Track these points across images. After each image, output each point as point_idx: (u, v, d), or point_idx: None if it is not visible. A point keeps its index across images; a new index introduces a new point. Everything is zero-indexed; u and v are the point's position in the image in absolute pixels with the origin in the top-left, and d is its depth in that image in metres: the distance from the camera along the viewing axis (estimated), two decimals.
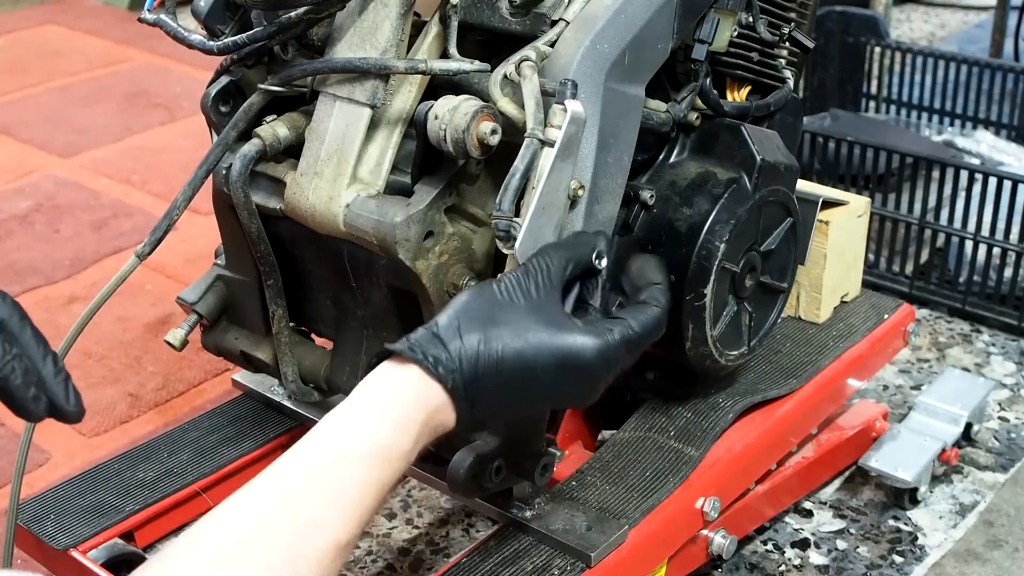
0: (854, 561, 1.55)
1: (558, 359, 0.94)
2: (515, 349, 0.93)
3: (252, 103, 1.20)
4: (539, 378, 0.94)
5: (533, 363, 0.94)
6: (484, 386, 0.92)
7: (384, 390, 0.91)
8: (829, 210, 1.55)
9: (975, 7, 3.72)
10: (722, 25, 1.23)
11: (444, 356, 0.91)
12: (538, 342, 0.94)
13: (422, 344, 0.92)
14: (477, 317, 0.94)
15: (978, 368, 1.95)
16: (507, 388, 0.94)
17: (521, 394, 0.95)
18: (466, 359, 0.92)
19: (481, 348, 0.92)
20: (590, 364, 0.96)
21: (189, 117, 2.95)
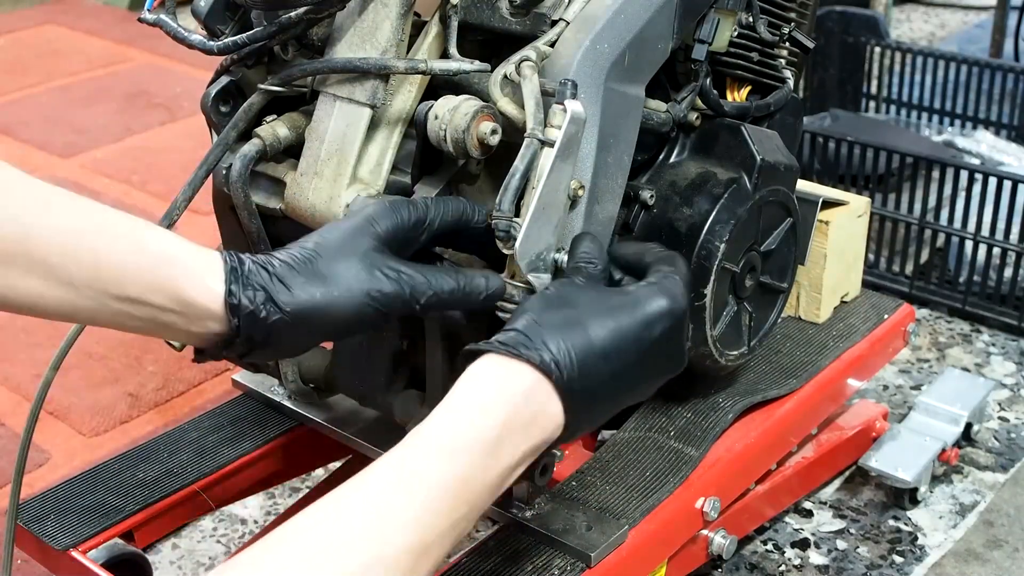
0: (854, 561, 1.55)
1: (644, 323, 0.93)
2: (600, 323, 0.91)
3: (252, 103, 1.20)
4: (633, 348, 0.92)
5: (623, 333, 0.92)
6: (579, 361, 0.89)
7: (461, 386, 0.88)
8: (829, 210, 1.55)
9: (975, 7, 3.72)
10: (722, 25, 1.23)
11: (525, 340, 0.89)
12: (619, 314, 0.93)
13: (513, 340, 0.89)
14: (548, 309, 0.92)
15: (978, 368, 1.95)
16: (604, 362, 0.91)
17: (620, 369, 0.93)
18: (550, 337, 0.89)
19: (567, 327, 0.90)
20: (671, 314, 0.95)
21: (189, 117, 2.95)
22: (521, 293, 1.05)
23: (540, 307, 0.93)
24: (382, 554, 0.77)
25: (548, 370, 0.88)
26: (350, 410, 1.38)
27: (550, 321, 0.90)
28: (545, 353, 0.88)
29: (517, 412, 0.86)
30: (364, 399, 1.26)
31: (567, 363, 0.88)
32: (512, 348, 0.88)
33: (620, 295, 0.96)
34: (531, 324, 0.90)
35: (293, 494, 1.70)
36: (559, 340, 0.89)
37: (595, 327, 0.91)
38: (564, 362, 0.88)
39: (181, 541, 1.63)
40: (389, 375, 1.24)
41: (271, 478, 1.46)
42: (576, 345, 0.89)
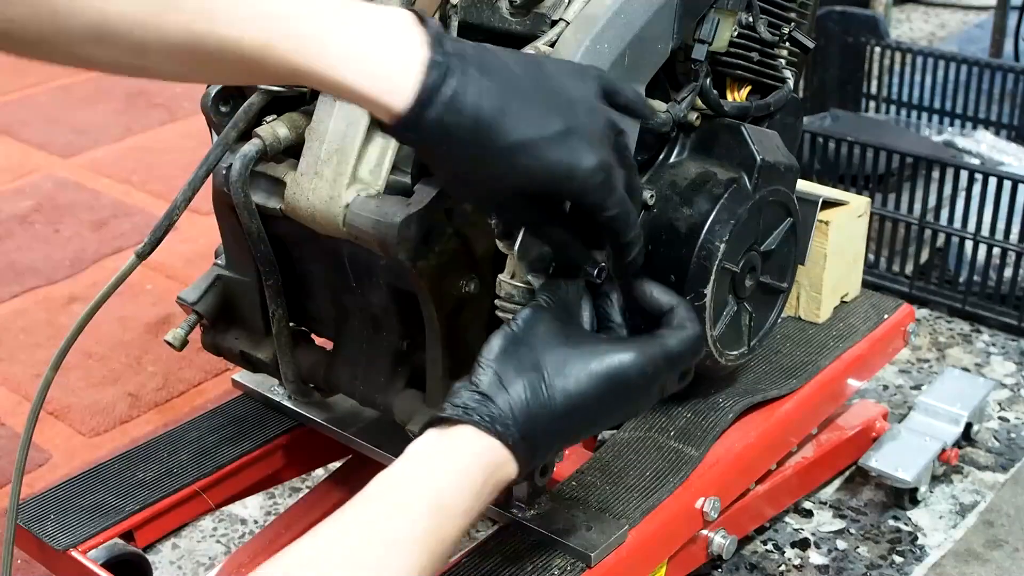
0: (854, 561, 1.55)
1: (603, 382, 0.92)
2: (561, 388, 0.91)
3: (252, 103, 1.20)
4: (591, 407, 0.92)
5: (582, 395, 0.91)
6: (541, 432, 0.90)
7: (441, 450, 0.88)
8: (829, 210, 1.55)
9: (975, 7, 3.72)
10: (722, 25, 1.23)
11: (497, 412, 0.89)
12: (580, 372, 0.91)
13: (471, 406, 0.89)
14: (513, 366, 0.91)
15: (978, 368, 1.95)
16: (563, 426, 0.92)
17: (576, 428, 0.94)
18: (518, 410, 0.89)
19: (528, 396, 0.90)
20: (634, 379, 0.93)
21: (189, 117, 2.95)
22: (521, 293, 1.05)
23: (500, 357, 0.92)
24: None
25: (518, 450, 0.89)
26: (350, 410, 1.38)
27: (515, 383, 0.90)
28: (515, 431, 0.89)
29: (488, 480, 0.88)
30: (364, 399, 1.26)
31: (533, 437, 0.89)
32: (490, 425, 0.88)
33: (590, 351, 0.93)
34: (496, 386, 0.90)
35: (293, 494, 1.70)
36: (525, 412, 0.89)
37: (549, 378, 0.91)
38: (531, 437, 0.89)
39: (181, 541, 1.63)
40: (389, 375, 1.24)
41: (271, 478, 1.46)
42: (541, 416, 0.90)
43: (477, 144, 0.86)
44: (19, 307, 2.17)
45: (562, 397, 0.91)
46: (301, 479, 1.68)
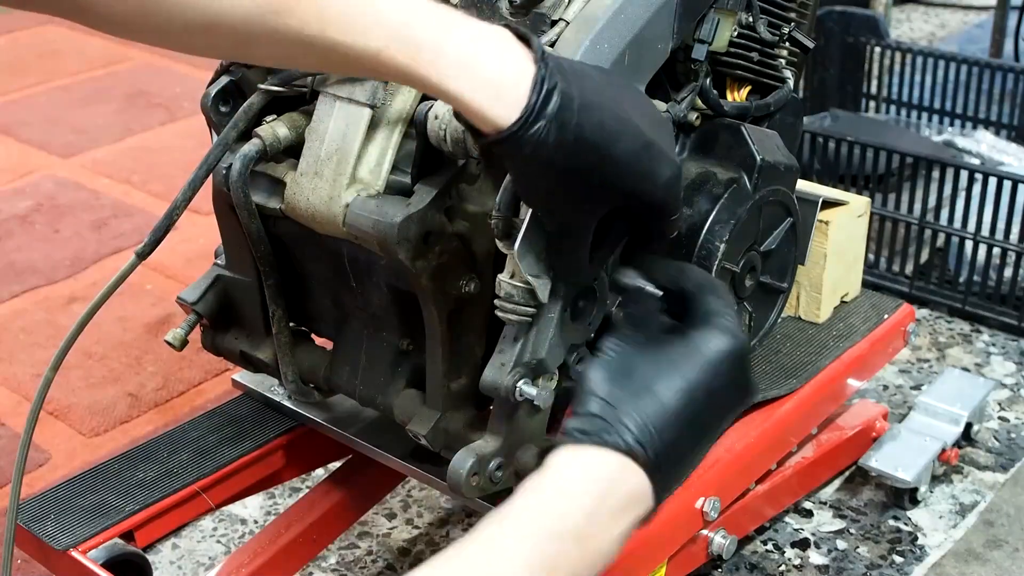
0: (854, 561, 1.55)
1: (709, 369, 0.89)
2: (669, 385, 0.87)
3: (252, 103, 1.20)
4: (705, 397, 0.89)
5: (692, 387, 0.88)
6: (660, 433, 0.86)
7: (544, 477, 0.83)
8: (829, 210, 1.55)
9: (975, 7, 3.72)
10: (722, 25, 1.23)
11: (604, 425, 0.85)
12: (684, 367, 0.88)
13: (577, 426, 0.85)
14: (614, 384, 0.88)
15: (978, 368, 1.95)
16: (683, 423, 0.87)
17: (698, 422, 0.89)
18: (627, 417, 0.85)
19: (639, 400, 0.86)
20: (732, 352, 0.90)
21: (189, 117, 2.95)
22: (521, 293, 1.05)
23: (605, 383, 0.88)
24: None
25: (634, 453, 0.84)
26: (350, 410, 1.38)
27: (620, 397, 0.87)
28: (627, 435, 0.84)
29: (605, 497, 0.83)
30: (364, 399, 1.26)
31: (649, 439, 0.85)
32: (594, 436, 0.84)
33: (680, 344, 0.90)
34: (604, 406, 0.86)
35: (293, 494, 1.70)
36: (635, 416, 0.85)
37: (665, 390, 0.87)
38: (646, 439, 0.85)
39: (181, 541, 1.63)
40: (389, 375, 1.24)
41: (271, 478, 1.46)
42: (653, 417, 0.86)
43: (577, 159, 0.87)
44: (19, 307, 2.17)
45: (678, 402, 0.87)
46: (301, 479, 1.68)
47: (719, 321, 0.91)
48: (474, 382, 1.14)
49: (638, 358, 0.90)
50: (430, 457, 1.24)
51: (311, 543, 1.42)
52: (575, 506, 0.81)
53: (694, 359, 0.89)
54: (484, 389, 1.11)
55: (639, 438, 0.84)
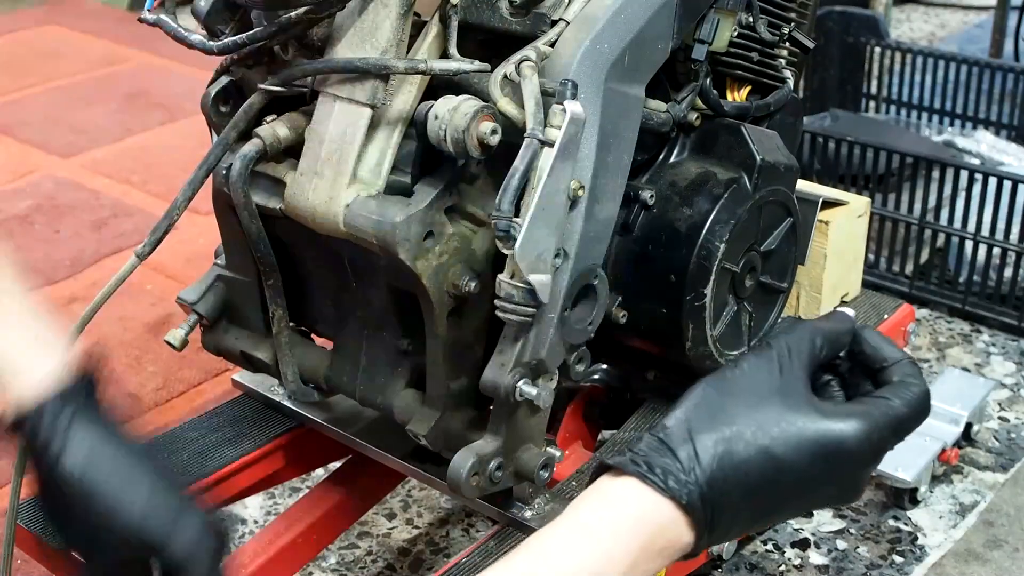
0: (854, 561, 1.55)
1: (816, 451, 0.78)
2: (761, 446, 0.77)
3: (252, 103, 1.20)
4: (794, 478, 0.78)
5: (785, 460, 0.77)
6: (727, 496, 0.77)
7: (600, 506, 0.78)
8: (829, 210, 1.55)
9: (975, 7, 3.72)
10: (722, 25, 1.23)
11: (675, 466, 0.76)
12: (789, 434, 0.77)
13: (647, 454, 0.77)
14: (709, 413, 0.79)
15: (978, 368, 1.95)
16: (755, 495, 0.78)
17: (772, 500, 0.79)
18: (702, 467, 0.76)
19: (720, 450, 0.77)
20: (855, 452, 0.79)
21: (189, 117, 2.95)
22: (521, 293, 1.05)
23: (698, 414, 0.79)
24: None
25: (694, 511, 0.77)
26: (350, 410, 1.38)
27: (705, 443, 0.77)
28: (693, 489, 0.76)
29: (652, 543, 0.77)
30: (364, 399, 1.26)
31: (713, 500, 0.77)
32: (659, 479, 0.77)
33: (806, 413, 0.79)
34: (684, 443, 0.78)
35: (293, 494, 1.70)
36: (709, 468, 0.77)
37: (749, 433, 0.77)
38: (711, 499, 0.77)
39: None
40: (389, 375, 1.24)
41: (271, 478, 1.46)
42: (727, 475, 0.77)
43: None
44: None
45: (760, 459, 0.77)
46: (301, 479, 1.68)
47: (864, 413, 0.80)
48: (474, 382, 1.14)
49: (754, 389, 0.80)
50: (430, 457, 1.24)
51: (311, 543, 1.42)
52: (624, 551, 0.76)
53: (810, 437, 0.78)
54: (484, 389, 1.11)
55: (704, 495, 0.77)
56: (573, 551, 0.76)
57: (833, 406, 0.81)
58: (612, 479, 0.78)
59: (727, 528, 0.79)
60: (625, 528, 0.77)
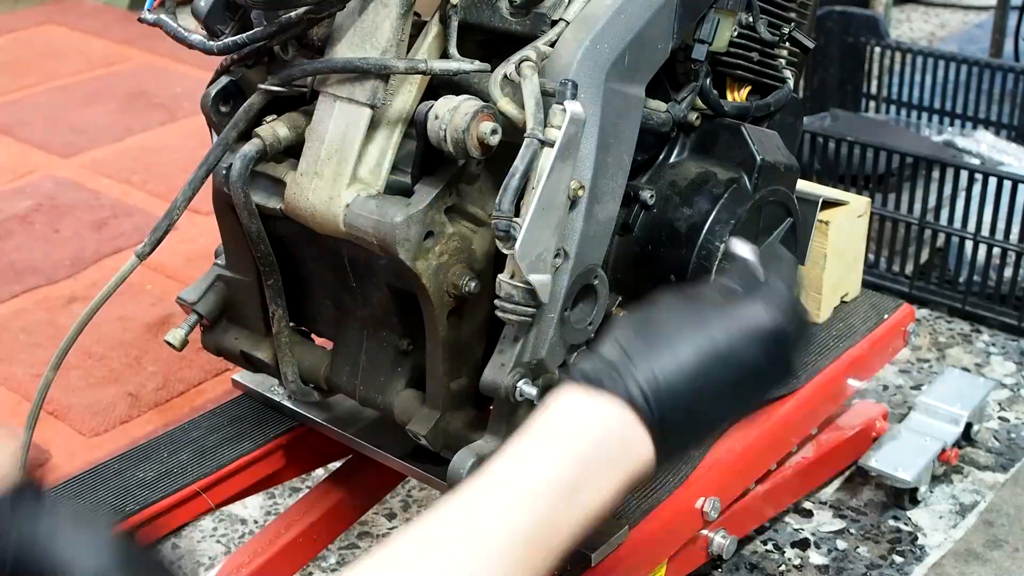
0: (854, 561, 1.55)
1: (740, 335, 0.84)
2: (691, 341, 0.82)
3: (252, 103, 1.20)
4: (731, 367, 0.84)
5: (716, 352, 0.83)
6: (669, 390, 0.81)
7: (542, 421, 0.81)
8: (829, 210, 1.55)
9: (975, 7, 3.72)
10: (722, 25, 1.23)
11: (610, 372, 0.81)
12: (712, 328, 0.83)
13: (583, 368, 0.82)
14: (636, 332, 0.84)
15: (978, 368, 1.95)
16: (698, 386, 0.83)
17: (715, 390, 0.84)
18: (638, 367, 0.81)
19: (655, 352, 0.82)
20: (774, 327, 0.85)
21: (189, 117, 2.95)
22: (521, 293, 1.05)
23: (629, 331, 0.84)
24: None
25: (636, 404, 0.80)
26: (350, 410, 1.38)
27: (638, 348, 0.82)
28: (633, 386, 0.80)
29: (600, 450, 0.80)
30: (364, 399, 1.26)
31: (655, 394, 0.81)
32: (598, 382, 0.81)
33: (718, 309, 0.85)
34: (619, 352, 0.82)
35: (293, 494, 1.70)
36: (649, 370, 0.81)
37: (686, 351, 0.82)
38: (654, 395, 0.81)
39: (181, 541, 1.62)
40: (389, 375, 1.24)
41: (271, 478, 1.46)
42: (665, 372, 0.81)
43: None
44: (19, 307, 2.17)
45: (695, 357, 0.82)
46: (301, 479, 1.68)
47: (770, 296, 0.87)
48: (474, 382, 1.14)
49: (672, 315, 0.85)
50: (430, 457, 1.24)
51: (311, 543, 1.42)
52: (569, 458, 0.79)
53: (727, 325, 0.84)
54: (484, 389, 1.11)
55: (645, 391, 0.80)
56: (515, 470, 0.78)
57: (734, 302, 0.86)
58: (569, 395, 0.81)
59: (679, 427, 0.83)
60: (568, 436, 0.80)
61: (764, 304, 0.86)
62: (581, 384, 0.81)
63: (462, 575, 0.74)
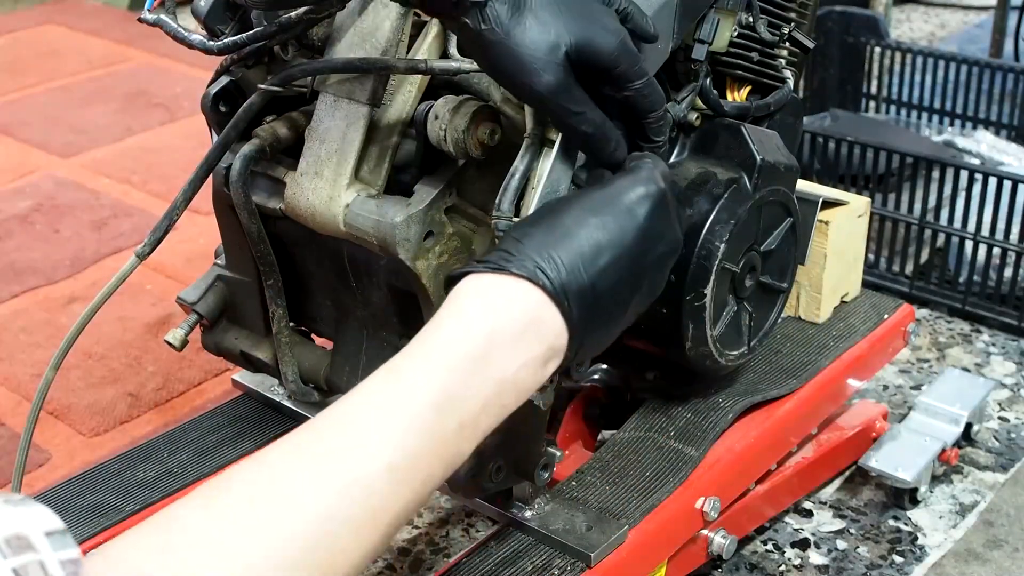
0: (854, 561, 1.55)
1: (624, 206, 0.92)
2: (575, 217, 0.90)
3: (252, 103, 1.20)
4: (625, 234, 0.91)
5: (605, 224, 0.91)
6: (568, 264, 0.87)
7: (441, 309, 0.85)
8: (829, 210, 1.55)
9: (975, 7, 3.72)
10: (722, 25, 1.23)
11: (505, 255, 0.87)
12: (595, 208, 0.91)
13: (497, 259, 0.87)
14: (529, 224, 0.91)
15: (978, 368, 1.95)
16: (593, 258, 0.89)
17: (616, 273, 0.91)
18: (532, 248, 0.87)
19: (546, 234, 0.89)
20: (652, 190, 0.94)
21: (189, 117, 2.95)
22: None
23: (523, 225, 0.92)
24: (359, 475, 0.75)
25: (534, 277, 0.86)
26: None
27: (532, 233, 0.89)
28: (528, 262, 0.86)
29: (504, 323, 0.84)
30: None
31: (553, 266, 0.87)
32: (494, 264, 0.86)
33: (597, 190, 0.94)
34: (513, 241, 0.89)
35: None
36: (542, 248, 0.87)
37: (577, 227, 0.90)
38: (549, 266, 0.86)
39: None
40: None
41: None
42: (560, 247, 0.88)
43: None
44: (19, 307, 2.17)
45: (585, 235, 0.89)
46: None
47: (637, 170, 0.96)
48: None
49: (562, 206, 0.93)
50: None
51: None
52: (469, 330, 0.82)
53: (610, 202, 0.92)
54: None
55: (540, 264, 0.86)
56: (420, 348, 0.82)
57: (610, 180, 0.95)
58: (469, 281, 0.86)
59: (585, 299, 0.88)
60: (470, 313, 0.84)
61: (635, 176, 0.95)
62: (480, 271, 0.86)
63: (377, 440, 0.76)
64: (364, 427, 0.78)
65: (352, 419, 0.79)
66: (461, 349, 0.82)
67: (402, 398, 0.79)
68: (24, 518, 0.62)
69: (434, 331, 0.84)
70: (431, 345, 0.83)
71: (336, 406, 0.80)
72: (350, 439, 0.77)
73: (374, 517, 0.75)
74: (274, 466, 0.76)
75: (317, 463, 0.76)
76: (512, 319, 0.84)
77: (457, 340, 0.82)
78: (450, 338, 0.83)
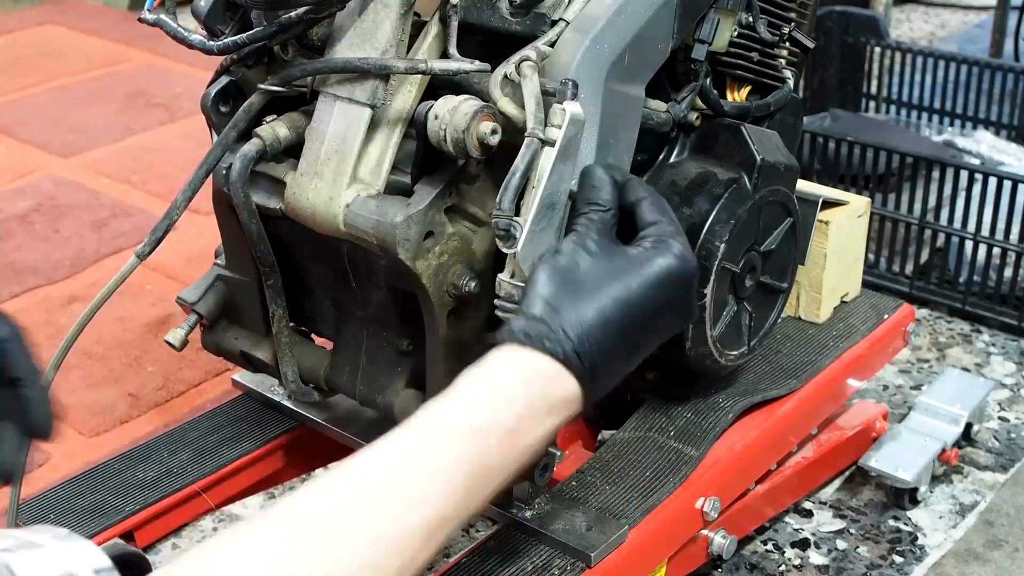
0: (854, 561, 1.55)
1: (653, 286, 0.97)
2: (612, 297, 0.95)
3: (252, 103, 1.20)
4: (645, 313, 0.97)
5: (634, 301, 0.96)
6: (598, 344, 0.93)
7: (484, 373, 0.91)
8: (829, 210, 1.55)
9: (975, 7, 3.72)
10: (722, 25, 1.23)
11: (547, 331, 0.92)
12: (629, 281, 0.96)
13: (522, 328, 0.92)
14: (561, 289, 0.95)
15: (978, 368, 1.95)
16: (620, 336, 0.95)
17: (635, 336, 0.97)
18: (569, 325, 0.92)
19: (581, 309, 0.93)
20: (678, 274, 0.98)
21: (189, 117, 2.95)
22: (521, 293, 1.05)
23: (551, 286, 0.95)
24: (391, 531, 0.79)
25: (571, 362, 0.91)
26: (350, 410, 1.38)
27: (564, 303, 0.94)
28: (567, 343, 0.91)
29: (538, 399, 0.90)
30: (364, 399, 1.26)
31: (587, 350, 0.92)
32: (535, 341, 0.91)
33: (629, 260, 0.98)
34: (547, 309, 0.93)
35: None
36: (578, 326, 0.92)
37: (607, 302, 0.94)
38: (584, 350, 0.92)
39: (181, 541, 1.62)
40: (389, 375, 1.24)
41: (271, 478, 1.46)
42: (593, 327, 0.93)
43: None
44: (19, 307, 2.17)
45: (615, 306, 0.94)
46: (301, 479, 1.68)
47: (668, 243, 1.00)
48: None
49: (586, 265, 0.97)
50: None
51: None
52: (510, 406, 0.88)
53: (639, 275, 0.97)
54: None
55: (577, 348, 0.92)
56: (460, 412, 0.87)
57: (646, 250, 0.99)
58: (497, 351, 0.92)
59: (605, 374, 0.94)
60: (511, 386, 0.89)
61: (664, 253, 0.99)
62: (522, 344, 0.91)
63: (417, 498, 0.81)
64: (403, 487, 0.82)
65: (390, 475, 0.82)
66: (500, 424, 0.87)
67: (439, 462, 0.84)
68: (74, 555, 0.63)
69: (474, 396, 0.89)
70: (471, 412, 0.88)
71: (374, 454, 0.84)
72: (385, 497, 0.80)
73: (402, 571, 0.79)
74: (312, 510, 0.79)
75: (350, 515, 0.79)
76: (546, 399, 0.90)
77: (496, 415, 0.88)
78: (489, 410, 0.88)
